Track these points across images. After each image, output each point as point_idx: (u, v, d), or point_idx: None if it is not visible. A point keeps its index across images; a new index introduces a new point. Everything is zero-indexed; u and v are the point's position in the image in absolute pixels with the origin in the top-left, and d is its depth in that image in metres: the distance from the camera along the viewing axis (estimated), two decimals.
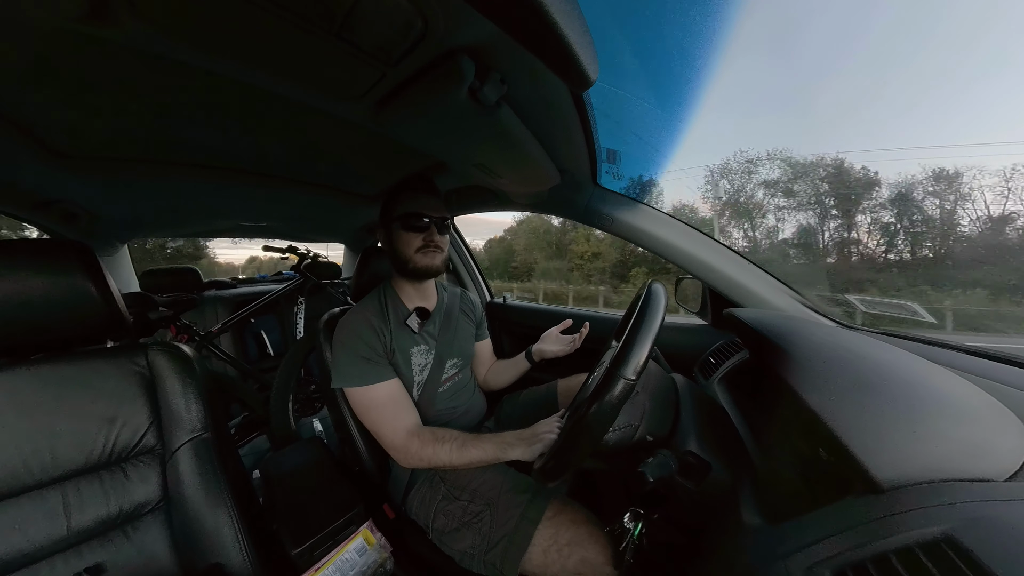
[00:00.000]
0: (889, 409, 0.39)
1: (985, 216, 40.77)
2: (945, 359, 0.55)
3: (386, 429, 0.73)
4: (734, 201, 43.46)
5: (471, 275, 1.75)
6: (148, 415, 0.65)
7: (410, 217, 0.79)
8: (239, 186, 1.20)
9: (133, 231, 1.69)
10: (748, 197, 43.99)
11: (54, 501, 0.57)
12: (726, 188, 45.25)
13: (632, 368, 0.44)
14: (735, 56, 53.49)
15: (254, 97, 0.70)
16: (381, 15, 0.41)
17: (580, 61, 0.41)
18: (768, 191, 44.48)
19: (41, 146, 0.84)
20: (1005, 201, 48.94)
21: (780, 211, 43.80)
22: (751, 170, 43.62)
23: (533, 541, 0.63)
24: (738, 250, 0.90)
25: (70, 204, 1.17)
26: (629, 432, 0.55)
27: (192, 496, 0.63)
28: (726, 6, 8.05)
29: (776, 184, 44.84)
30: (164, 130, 0.85)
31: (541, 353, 0.98)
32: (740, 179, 44.75)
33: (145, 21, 0.42)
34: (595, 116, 0.67)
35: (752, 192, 44.51)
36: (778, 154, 43.05)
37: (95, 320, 0.62)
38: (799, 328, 0.59)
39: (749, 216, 42.51)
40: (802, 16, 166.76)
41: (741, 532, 0.45)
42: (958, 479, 0.33)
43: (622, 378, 0.44)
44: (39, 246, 0.59)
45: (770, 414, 0.54)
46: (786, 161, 43.60)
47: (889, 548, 0.30)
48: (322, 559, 0.63)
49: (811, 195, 45.37)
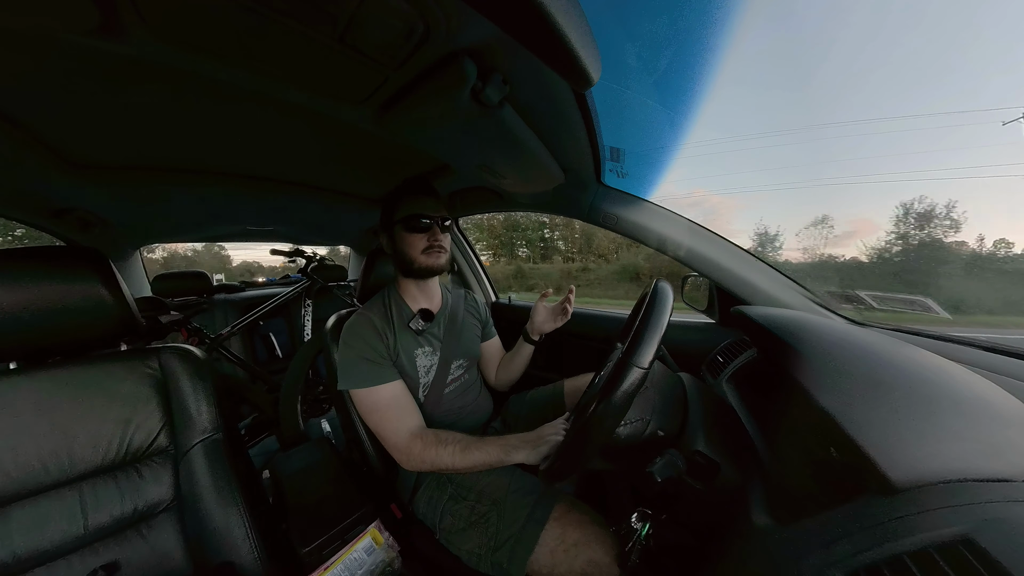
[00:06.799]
0: (903, 407, 0.38)
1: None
2: (960, 355, 0.53)
3: (389, 431, 0.73)
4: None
5: (475, 275, 1.75)
6: (161, 417, 0.66)
7: (413, 219, 0.80)
8: (247, 192, 1.21)
9: (145, 237, 1.72)
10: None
11: (71, 501, 0.58)
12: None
13: (644, 356, 0.43)
14: (743, 46, 54.24)
15: (261, 104, 0.71)
16: (383, 19, 0.42)
17: (582, 60, 0.41)
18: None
19: (58, 157, 0.87)
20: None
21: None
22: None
23: (540, 541, 0.62)
24: (745, 247, 0.89)
25: (85, 212, 1.20)
26: (640, 426, 0.55)
27: (204, 496, 0.64)
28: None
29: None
30: (174, 139, 0.87)
31: (540, 329, 0.97)
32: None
33: (154, 33, 0.43)
34: (598, 114, 0.67)
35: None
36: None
37: (109, 324, 0.64)
38: (809, 325, 0.58)
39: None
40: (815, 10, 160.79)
41: (751, 533, 0.44)
42: (975, 479, 0.32)
43: (634, 366, 0.43)
44: (55, 253, 0.60)
45: (780, 413, 0.54)
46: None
47: (904, 550, 0.30)
48: (331, 558, 0.63)
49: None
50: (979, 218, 70.33)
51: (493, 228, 31.78)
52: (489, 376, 1.06)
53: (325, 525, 0.67)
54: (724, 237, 0.89)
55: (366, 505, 0.72)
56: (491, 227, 31.70)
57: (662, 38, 0.54)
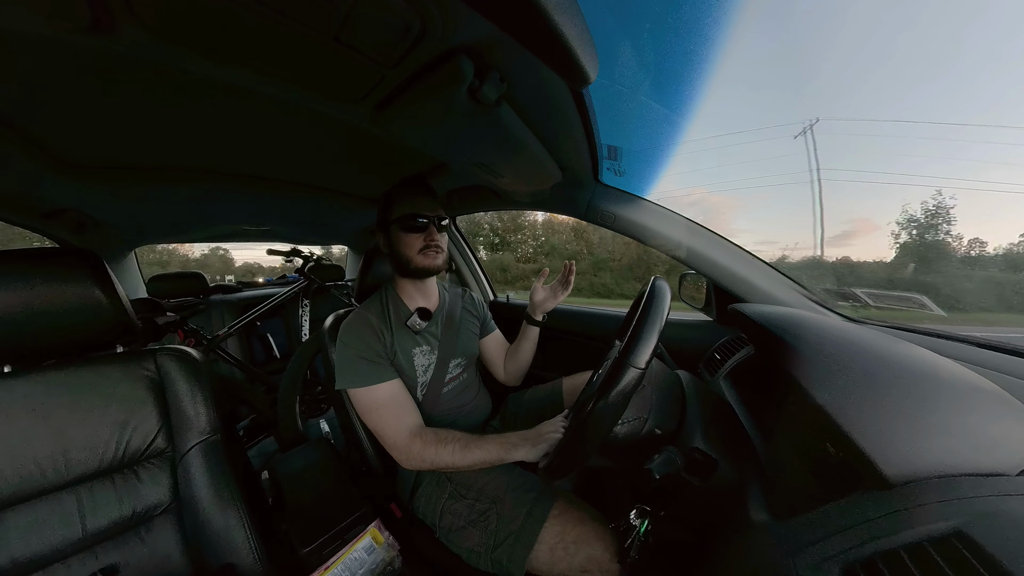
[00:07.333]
0: (897, 403, 0.38)
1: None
2: (955, 352, 0.54)
3: (388, 430, 0.73)
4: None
5: (473, 274, 1.75)
6: (158, 419, 0.66)
7: (409, 219, 0.80)
8: (243, 191, 1.21)
9: (140, 238, 1.71)
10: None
11: (69, 504, 0.58)
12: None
13: (641, 356, 0.44)
14: (742, 41, 53.66)
15: (255, 102, 0.71)
16: (379, 17, 0.42)
17: (579, 58, 0.41)
18: None
19: (49, 156, 0.86)
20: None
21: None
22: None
23: (539, 539, 0.63)
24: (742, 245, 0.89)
25: (78, 213, 1.19)
26: (638, 425, 0.55)
27: (203, 497, 0.64)
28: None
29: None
30: (168, 138, 0.86)
31: (542, 308, 0.97)
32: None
33: (146, 31, 0.43)
34: (596, 112, 0.67)
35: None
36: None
37: (105, 326, 0.63)
38: (805, 322, 0.58)
39: None
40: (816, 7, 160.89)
41: (748, 529, 0.45)
42: (968, 474, 0.33)
43: (631, 366, 0.43)
44: (48, 255, 0.59)
45: (777, 410, 0.54)
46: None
47: (899, 544, 0.30)
48: (331, 558, 0.63)
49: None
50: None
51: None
52: (497, 371, 1.06)
53: (325, 525, 0.67)
54: (722, 235, 0.90)
55: (366, 505, 0.72)
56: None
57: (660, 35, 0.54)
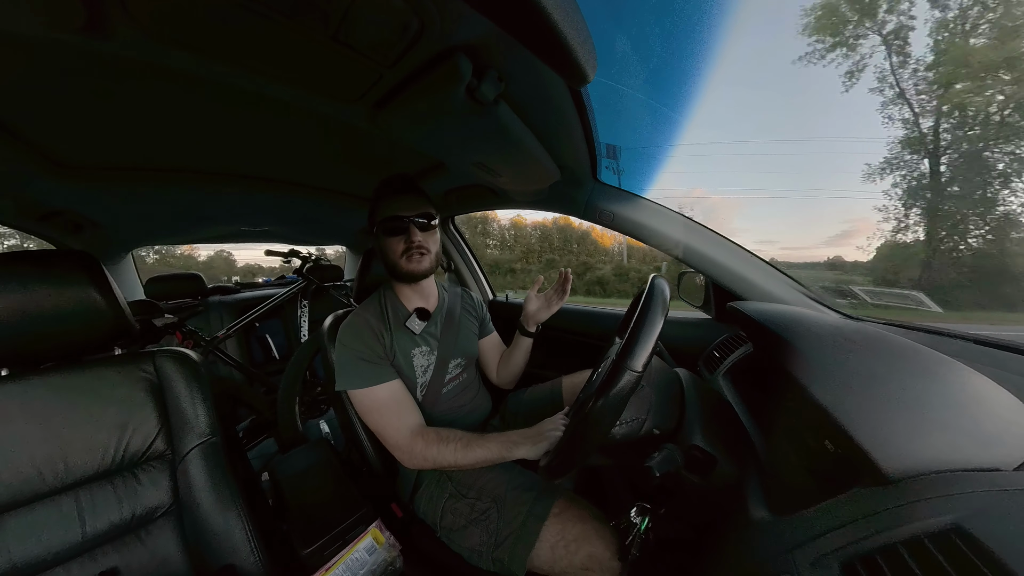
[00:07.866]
0: (895, 400, 0.38)
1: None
2: (952, 349, 0.54)
3: (389, 430, 0.73)
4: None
5: (472, 273, 1.75)
6: (157, 421, 0.66)
7: (388, 221, 0.78)
8: (240, 191, 1.20)
9: (137, 239, 1.70)
10: None
11: (68, 507, 0.57)
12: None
13: (638, 360, 0.44)
14: (739, 40, 53.59)
15: (252, 102, 0.70)
16: (377, 16, 0.41)
17: (578, 56, 0.41)
18: None
19: (45, 158, 0.85)
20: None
21: None
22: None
23: (540, 537, 0.63)
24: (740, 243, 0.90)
25: (74, 215, 1.18)
26: (636, 426, 0.55)
27: (203, 499, 0.64)
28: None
29: None
30: (165, 138, 0.85)
31: (535, 319, 0.95)
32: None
33: (141, 31, 0.43)
34: (594, 111, 0.67)
35: None
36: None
37: (102, 328, 0.63)
38: (803, 320, 0.58)
39: None
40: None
41: (748, 525, 0.45)
42: (966, 469, 0.33)
43: (628, 370, 0.44)
44: (45, 257, 0.59)
45: (775, 407, 0.54)
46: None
47: (898, 539, 0.30)
48: (332, 559, 0.63)
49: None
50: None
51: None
52: (490, 373, 1.06)
53: (326, 526, 0.67)
54: (720, 233, 0.90)
55: (366, 505, 0.72)
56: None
57: (658, 34, 0.54)
